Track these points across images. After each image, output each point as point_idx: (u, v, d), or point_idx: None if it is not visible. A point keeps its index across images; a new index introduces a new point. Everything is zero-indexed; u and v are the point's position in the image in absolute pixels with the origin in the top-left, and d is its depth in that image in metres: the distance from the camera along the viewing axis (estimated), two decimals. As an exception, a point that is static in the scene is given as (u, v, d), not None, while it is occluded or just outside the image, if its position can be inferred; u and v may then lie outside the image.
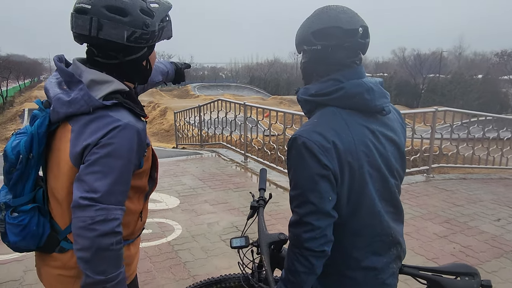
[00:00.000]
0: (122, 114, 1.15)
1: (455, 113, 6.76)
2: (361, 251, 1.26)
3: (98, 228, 1.06)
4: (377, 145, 1.24)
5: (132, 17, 1.12)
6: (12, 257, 3.31)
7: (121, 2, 1.11)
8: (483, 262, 3.38)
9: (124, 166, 1.13)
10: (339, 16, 1.19)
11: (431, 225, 4.16)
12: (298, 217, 1.17)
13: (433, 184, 5.85)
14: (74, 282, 1.24)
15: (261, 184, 1.69)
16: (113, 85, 1.16)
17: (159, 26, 1.19)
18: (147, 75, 1.31)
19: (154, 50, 1.31)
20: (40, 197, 1.25)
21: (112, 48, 1.16)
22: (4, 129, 22.00)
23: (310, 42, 1.23)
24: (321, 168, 1.14)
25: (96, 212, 1.07)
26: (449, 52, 63.69)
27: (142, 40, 1.16)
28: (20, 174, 1.18)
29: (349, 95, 1.20)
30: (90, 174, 1.08)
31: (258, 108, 6.99)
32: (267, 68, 73.78)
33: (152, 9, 1.17)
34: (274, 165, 6.43)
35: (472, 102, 40.34)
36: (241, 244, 1.44)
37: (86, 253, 1.07)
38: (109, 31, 1.10)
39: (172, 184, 5.49)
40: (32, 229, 1.19)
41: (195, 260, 3.32)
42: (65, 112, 1.13)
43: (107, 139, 1.09)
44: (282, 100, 40.98)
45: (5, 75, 35.17)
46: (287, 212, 4.44)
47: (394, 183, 1.30)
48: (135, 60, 1.22)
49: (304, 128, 1.21)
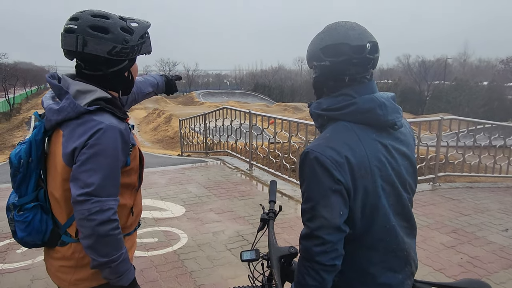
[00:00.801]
0: (105, 117, 1.30)
1: (460, 121, 6.74)
2: (377, 267, 1.25)
3: (95, 218, 1.23)
4: (390, 159, 1.25)
5: (113, 34, 1.29)
6: (20, 265, 3.33)
7: (103, 22, 1.29)
8: (491, 273, 3.35)
9: (112, 162, 1.28)
10: (348, 33, 1.21)
11: (438, 235, 4.13)
12: (309, 230, 1.18)
13: (439, 193, 5.81)
14: (73, 271, 1.39)
15: (271, 196, 1.69)
16: (96, 94, 1.32)
17: (139, 41, 1.36)
18: (130, 85, 1.48)
19: (136, 63, 1.47)
20: (42, 197, 1.41)
21: (97, 62, 1.32)
22: (11, 135, 22.19)
23: (319, 58, 1.25)
24: (334, 183, 1.15)
25: (92, 204, 1.23)
26: (453, 59, 63.63)
27: (123, 54, 1.33)
28: (22, 176, 1.36)
29: (362, 110, 1.22)
30: (83, 173, 1.24)
31: (263, 116, 7.01)
32: (271, 75, 73.99)
33: (132, 27, 1.34)
34: (279, 173, 6.43)
35: (478, 109, 40.17)
36: (251, 257, 1.43)
37: (89, 240, 1.25)
38: (93, 46, 1.28)
39: (177, 192, 5.50)
40: (36, 225, 1.36)
41: (201, 269, 3.31)
42: (56, 119, 1.30)
43: (93, 140, 1.25)
44: (287, 107, 41.04)
45: (13, 83, 35.58)
46: (293, 221, 4.43)
47: (407, 197, 1.31)
48: (117, 71, 1.38)
49: (317, 142, 1.23)
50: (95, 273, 1.38)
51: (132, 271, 1.38)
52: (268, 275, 1.52)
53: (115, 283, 1.32)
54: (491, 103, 40.94)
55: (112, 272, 1.30)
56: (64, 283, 1.42)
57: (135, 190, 1.50)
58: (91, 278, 1.40)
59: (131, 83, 1.47)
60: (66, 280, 1.40)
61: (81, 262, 1.38)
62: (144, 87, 1.86)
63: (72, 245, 1.37)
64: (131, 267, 1.37)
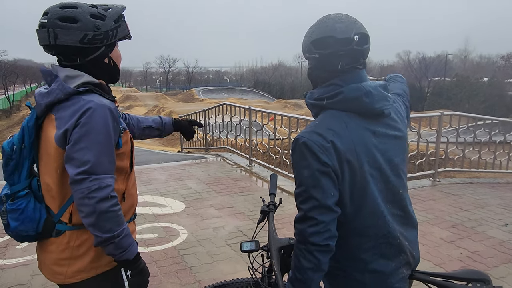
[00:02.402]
0: (94, 97, 1.32)
1: (461, 116, 6.73)
2: (368, 252, 1.29)
3: (95, 196, 1.24)
4: (378, 145, 1.28)
5: (82, 22, 1.29)
6: (20, 261, 3.34)
7: (71, 11, 1.30)
8: (490, 268, 3.35)
9: (105, 138, 1.29)
10: (335, 25, 1.25)
11: (438, 230, 4.14)
12: (303, 212, 1.23)
13: (439, 188, 5.81)
14: (69, 263, 1.38)
15: (271, 189, 1.71)
16: (84, 78, 1.35)
17: (113, 26, 1.36)
18: (113, 72, 1.46)
19: (117, 49, 1.46)
20: (35, 185, 1.41)
21: (72, 52, 1.33)
22: (10, 132, 22.21)
23: (310, 50, 1.30)
24: (321, 165, 1.20)
25: (90, 183, 1.24)
26: (454, 55, 63.53)
27: (96, 40, 1.32)
28: (15, 163, 1.36)
29: (348, 98, 1.26)
30: (78, 151, 1.25)
31: (263, 112, 7.00)
32: (271, 72, 73.91)
33: (103, 13, 1.34)
34: (279, 169, 6.43)
35: (478, 105, 40.13)
36: (251, 248, 1.45)
37: (91, 218, 1.25)
38: (64, 37, 1.28)
39: (177, 188, 5.51)
40: (29, 213, 1.35)
41: (201, 265, 3.32)
42: (46, 102, 1.32)
43: (84, 119, 1.26)
44: (287, 103, 41.01)
45: (12, 80, 35.53)
46: (292, 217, 4.41)
47: (398, 183, 1.33)
48: (95, 59, 1.37)
49: (306, 129, 1.30)
50: (91, 262, 1.38)
51: (135, 245, 1.39)
52: (268, 266, 1.52)
53: (120, 257, 1.33)
54: (492, 99, 40.90)
55: (116, 247, 1.30)
56: (59, 277, 1.40)
57: (127, 176, 1.50)
58: (88, 268, 1.39)
59: (114, 70, 1.46)
60: (62, 274, 1.39)
61: (76, 252, 1.37)
62: (143, 121, 1.84)
63: (67, 233, 1.37)
64: (134, 241, 1.38)
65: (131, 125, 1.79)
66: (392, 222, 1.30)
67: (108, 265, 1.43)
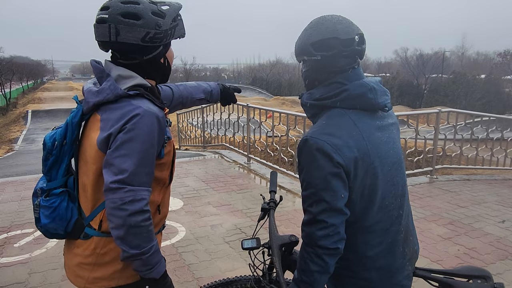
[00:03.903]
0: (144, 102, 1.26)
1: (458, 113, 6.74)
2: (375, 249, 1.28)
3: (128, 208, 1.18)
4: (384, 139, 1.29)
5: (145, 19, 1.24)
6: (17, 259, 3.33)
7: (134, 7, 1.24)
8: (488, 264, 3.37)
9: (147, 149, 1.23)
10: (336, 27, 1.25)
11: (435, 227, 4.15)
12: (312, 215, 1.20)
13: (436, 185, 5.83)
14: (92, 269, 1.34)
15: (271, 187, 1.71)
16: (137, 80, 1.29)
17: (171, 25, 1.30)
18: (166, 72, 1.42)
19: (171, 48, 1.40)
20: (71, 184, 1.38)
21: (131, 50, 1.28)
22: (7, 130, 22.04)
23: (310, 53, 1.29)
24: (333, 167, 1.18)
25: (125, 193, 1.18)
26: (451, 52, 63.62)
27: (156, 39, 1.27)
28: (55, 159, 1.32)
29: (353, 95, 1.26)
30: (117, 158, 1.19)
31: (261, 110, 6.99)
32: (269, 69, 73.80)
33: (163, 10, 1.28)
34: (277, 167, 6.43)
35: (475, 102, 40.22)
36: (252, 246, 1.44)
37: (120, 231, 1.19)
38: (126, 34, 1.23)
39: (175, 185, 5.49)
40: (61, 211, 1.32)
41: (199, 262, 3.32)
42: (94, 101, 1.26)
43: (130, 125, 1.20)
44: (284, 100, 40.97)
45: (9, 77, 35.30)
46: (291, 214, 4.44)
47: (403, 176, 1.35)
48: (152, 58, 1.33)
49: (314, 129, 1.26)
50: (114, 272, 1.34)
51: (163, 263, 1.33)
52: (269, 263, 1.52)
53: (146, 275, 1.28)
54: (489, 96, 40.98)
55: (143, 264, 1.25)
56: (81, 281, 1.36)
57: (165, 187, 1.45)
58: (110, 278, 1.34)
59: (168, 70, 1.42)
60: (83, 278, 1.35)
61: (101, 259, 1.33)
62: (195, 92, 1.77)
63: (94, 239, 1.32)
64: (162, 259, 1.32)
65: (183, 97, 1.74)
66: (398, 216, 1.31)
67: (131, 278, 1.37)
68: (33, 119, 24.79)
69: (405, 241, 1.33)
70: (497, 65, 47.66)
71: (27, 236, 3.79)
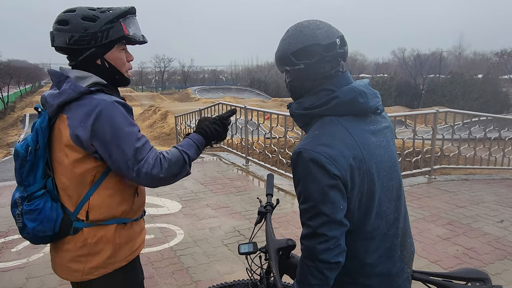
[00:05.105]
0: (105, 96, 1.35)
1: (456, 113, 6.75)
2: (374, 255, 1.26)
3: (156, 170, 1.35)
4: (378, 143, 1.26)
5: (72, 24, 1.35)
6: (15, 264, 3.31)
7: (66, 15, 1.37)
8: (486, 264, 3.37)
9: (127, 126, 1.32)
10: (315, 32, 1.22)
11: (434, 227, 4.15)
12: (311, 229, 1.16)
13: (435, 185, 5.83)
14: (87, 260, 1.39)
15: (268, 190, 1.69)
16: (94, 78, 1.38)
17: (103, 27, 1.37)
18: (111, 74, 1.45)
19: (116, 52, 1.43)
20: (50, 185, 1.41)
21: (66, 53, 1.41)
22: (5, 134, 22.01)
23: (291, 62, 1.25)
24: (330, 179, 1.14)
25: (151, 163, 1.34)
26: (449, 52, 63.76)
27: (82, 41, 1.36)
28: (31, 165, 1.36)
29: (344, 102, 1.22)
30: (115, 154, 1.30)
31: (259, 111, 6.98)
32: (267, 71, 73.79)
33: (98, 15, 1.37)
34: (275, 168, 6.42)
35: (473, 102, 40.34)
36: (249, 250, 1.43)
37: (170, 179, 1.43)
38: (58, 39, 1.37)
39: (173, 188, 5.49)
40: (47, 212, 1.36)
41: (197, 265, 3.31)
42: (57, 102, 1.33)
43: (102, 118, 1.28)
44: (283, 102, 40.97)
45: (6, 81, 35.26)
46: (289, 216, 4.43)
47: (399, 178, 1.33)
48: (85, 59, 1.40)
49: (307, 141, 1.22)
50: (108, 258, 1.40)
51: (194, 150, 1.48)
52: (266, 267, 1.51)
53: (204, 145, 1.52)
54: (486, 96, 41.10)
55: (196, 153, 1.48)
56: (76, 274, 1.40)
57: None
58: (105, 264, 1.40)
59: (111, 72, 1.44)
60: (79, 271, 1.40)
61: (94, 248, 1.38)
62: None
63: (85, 231, 1.38)
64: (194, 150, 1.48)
65: None
66: (394, 220, 1.29)
67: (124, 260, 1.45)
68: (31, 123, 24.73)
69: (403, 244, 1.32)
70: (494, 64, 47.76)
71: (24, 241, 3.77)
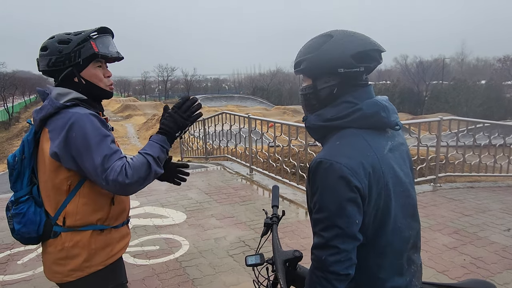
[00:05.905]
0: (79, 109, 1.46)
1: (460, 121, 6.73)
2: (386, 271, 1.25)
3: (119, 178, 1.35)
4: (395, 159, 1.26)
5: (50, 49, 1.50)
6: (21, 276, 3.31)
7: (45, 42, 1.53)
8: (494, 274, 3.33)
9: (100, 140, 1.39)
10: (370, 39, 1.25)
11: (440, 236, 4.12)
12: (324, 240, 1.16)
13: (440, 193, 5.80)
14: (65, 263, 1.50)
15: (274, 201, 1.70)
16: (73, 94, 1.52)
17: (75, 48, 1.50)
18: (89, 89, 1.56)
19: (91, 69, 1.55)
20: (36, 191, 1.55)
21: (50, 75, 1.56)
22: (10, 145, 22.16)
23: (350, 64, 1.22)
24: (350, 191, 1.13)
25: (117, 170, 1.36)
26: (451, 59, 63.85)
27: (59, 62, 1.50)
28: (18, 172, 1.53)
29: (367, 115, 1.22)
30: (86, 162, 1.37)
31: (262, 120, 7.00)
32: (269, 79, 74.13)
33: (71, 38, 1.51)
34: (279, 177, 6.41)
35: (476, 108, 40.24)
36: (256, 262, 1.43)
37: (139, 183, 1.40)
38: (41, 64, 1.53)
39: (178, 198, 5.49)
40: (30, 216, 1.50)
41: (203, 276, 3.30)
42: (40, 117, 1.46)
43: (75, 128, 1.38)
44: (286, 110, 41.07)
45: (11, 91, 35.60)
46: (294, 225, 4.42)
47: (414, 195, 1.33)
48: (64, 78, 1.53)
49: (328, 151, 1.21)
50: (84, 262, 1.50)
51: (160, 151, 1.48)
52: (273, 279, 1.51)
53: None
54: (490, 102, 41.02)
55: (161, 152, 1.48)
56: (58, 276, 1.53)
57: None
58: (82, 267, 1.50)
59: (89, 87, 1.56)
60: (60, 273, 1.52)
61: (71, 251, 1.49)
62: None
63: (62, 235, 1.49)
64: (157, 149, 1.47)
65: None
66: (408, 236, 1.28)
67: (101, 264, 1.54)
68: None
69: (412, 259, 1.31)
70: (497, 70, 47.76)
71: (30, 253, 3.78)
